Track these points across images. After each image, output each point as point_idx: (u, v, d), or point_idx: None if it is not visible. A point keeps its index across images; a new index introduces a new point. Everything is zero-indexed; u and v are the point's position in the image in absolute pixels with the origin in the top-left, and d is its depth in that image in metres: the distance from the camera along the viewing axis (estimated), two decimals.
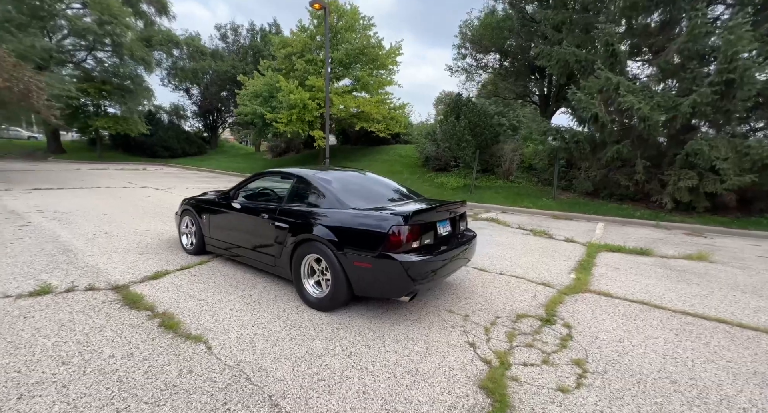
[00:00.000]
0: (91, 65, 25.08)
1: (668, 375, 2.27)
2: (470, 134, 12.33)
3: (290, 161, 22.47)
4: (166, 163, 26.41)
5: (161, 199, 9.18)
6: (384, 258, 2.66)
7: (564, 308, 3.30)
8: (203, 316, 2.81)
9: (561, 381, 2.17)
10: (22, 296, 2.95)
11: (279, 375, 2.10)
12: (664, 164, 8.96)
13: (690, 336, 2.82)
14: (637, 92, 8.22)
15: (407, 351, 2.45)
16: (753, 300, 3.66)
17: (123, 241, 4.87)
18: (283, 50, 17.89)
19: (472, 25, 15.96)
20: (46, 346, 2.26)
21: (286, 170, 3.82)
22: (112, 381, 1.96)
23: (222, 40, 30.67)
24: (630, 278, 4.26)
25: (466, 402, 1.94)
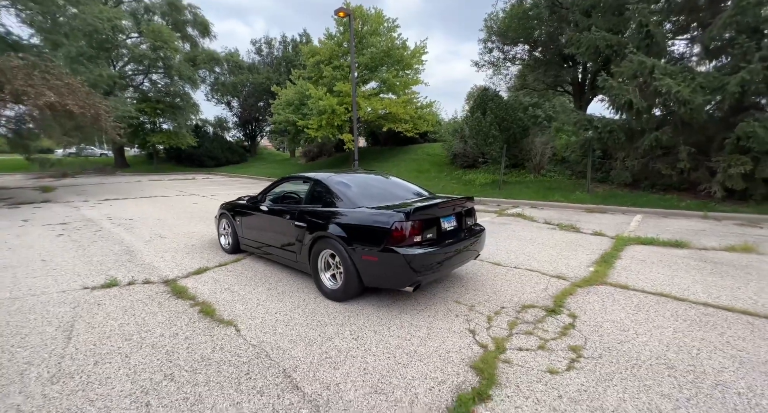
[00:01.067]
0: (147, 87, 27.85)
1: (666, 361, 2.28)
2: (497, 129, 12.13)
3: (322, 165, 23.35)
4: (212, 172, 28.55)
5: (207, 205, 10.10)
6: (388, 252, 2.90)
7: (573, 299, 3.33)
8: (235, 305, 3.23)
9: (552, 364, 2.28)
10: (96, 288, 3.58)
11: (293, 353, 2.43)
12: (713, 150, 8.25)
13: (704, 326, 2.76)
14: (675, 74, 7.67)
15: (409, 335, 2.67)
16: None
17: (174, 243, 5.55)
18: (312, 59, 18.68)
19: (498, 18, 15.60)
20: (113, 326, 2.79)
21: (304, 174, 4.19)
22: (162, 354, 2.40)
23: (257, 54, 32.51)
24: (655, 271, 4.12)
25: (456, 379, 2.13)
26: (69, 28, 12.95)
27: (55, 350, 2.44)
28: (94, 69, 16.09)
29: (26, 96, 8.27)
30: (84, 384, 2.07)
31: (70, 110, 9.26)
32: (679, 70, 7.81)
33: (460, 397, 1.95)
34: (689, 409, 1.85)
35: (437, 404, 1.92)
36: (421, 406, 1.90)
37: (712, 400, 1.92)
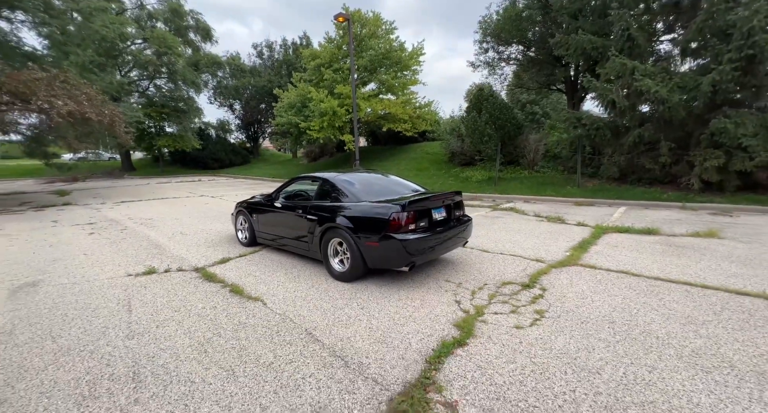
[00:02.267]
0: (152, 92, 28.51)
1: (609, 318, 2.86)
2: (492, 128, 12.69)
3: (324, 165, 23.95)
4: (216, 173, 29.19)
5: (217, 204, 10.71)
6: (387, 238, 3.49)
7: (547, 277, 3.91)
8: (258, 286, 3.83)
9: (519, 322, 2.86)
10: (139, 275, 4.18)
11: (312, 319, 3.02)
12: (691, 145, 8.81)
13: (649, 294, 3.33)
14: (654, 75, 8.22)
15: (405, 305, 3.26)
16: (734, 268, 3.99)
17: (194, 238, 6.15)
18: (313, 62, 19.26)
19: (492, 19, 16.11)
20: (162, 302, 3.39)
21: (313, 174, 4.79)
22: (207, 320, 3.00)
23: (258, 57, 33.08)
24: (623, 254, 4.69)
25: (441, 333, 2.71)
26: (80, 38, 13.55)
27: (122, 318, 3.04)
28: (105, 77, 16.73)
29: (50, 106, 8.88)
30: (153, 339, 2.67)
31: (89, 118, 9.87)
32: (657, 71, 8.36)
33: (443, 343, 2.54)
34: (616, 347, 2.43)
35: (425, 348, 2.51)
36: (413, 350, 2.49)
37: (636, 342, 2.49)
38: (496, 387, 2.05)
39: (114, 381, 2.16)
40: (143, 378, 2.18)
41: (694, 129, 8.67)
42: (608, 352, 2.36)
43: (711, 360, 2.24)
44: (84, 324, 2.94)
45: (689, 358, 2.26)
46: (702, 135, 8.23)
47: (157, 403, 1.97)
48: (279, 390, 2.08)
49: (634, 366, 2.19)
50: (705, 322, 2.73)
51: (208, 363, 2.36)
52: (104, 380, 2.17)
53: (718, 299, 3.14)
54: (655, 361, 2.24)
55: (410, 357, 2.41)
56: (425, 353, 2.45)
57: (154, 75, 27.47)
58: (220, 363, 2.36)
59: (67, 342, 2.64)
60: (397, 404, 1.92)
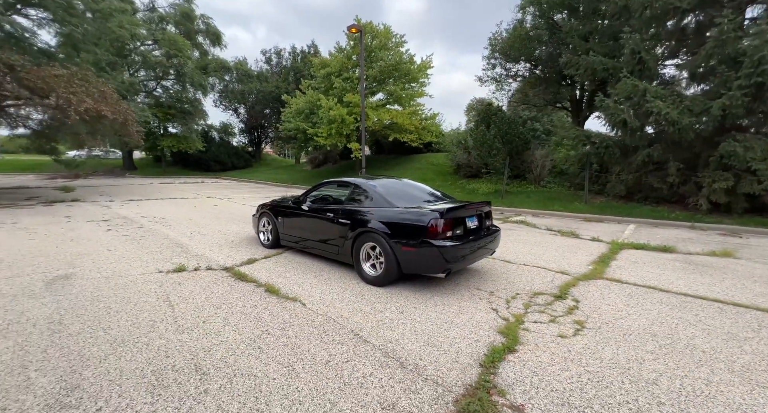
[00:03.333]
0: (158, 93, 28.64)
1: (651, 331, 2.92)
2: (500, 142, 12.91)
3: (328, 172, 24.04)
4: (218, 176, 29.15)
5: (226, 206, 10.70)
6: (425, 244, 3.54)
7: (576, 289, 3.97)
8: (292, 287, 3.84)
9: (561, 331, 2.90)
10: (170, 272, 4.17)
11: (355, 320, 3.04)
12: (699, 166, 9.03)
13: (682, 309, 3.40)
14: (665, 97, 8.49)
15: (444, 310, 3.29)
16: (759, 288, 4.08)
17: (213, 238, 6.15)
18: (323, 70, 19.55)
19: (501, 37, 16.57)
20: (202, 299, 3.39)
21: (342, 179, 4.87)
22: (252, 318, 3.01)
23: (266, 63, 33.47)
24: (645, 270, 4.78)
25: (487, 339, 2.75)
26: (97, 37, 13.68)
27: (166, 313, 3.03)
28: (117, 76, 16.84)
29: (68, 103, 8.91)
30: (204, 333, 2.68)
31: (105, 115, 9.91)
32: (668, 93, 8.63)
33: (493, 349, 2.57)
34: (666, 359, 2.48)
35: (476, 353, 2.54)
36: (465, 354, 2.52)
37: (684, 355, 2.55)
38: (557, 394, 2.09)
39: (178, 372, 2.16)
40: (206, 371, 2.18)
41: (702, 151, 8.91)
42: (659, 364, 2.41)
43: (763, 375, 2.30)
44: (130, 317, 2.93)
45: (741, 372, 2.32)
46: (711, 157, 8.45)
47: (227, 395, 1.97)
48: (344, 387, 2.09)
49: (689, 379, 2.24)
50: (746, 339, 2.79)
51: (266, 358, 2.37)
52: (168, 370, 2.17)
53: (753, 317, 3.21)
54: (708, 374, 2.29)
55: (463, 360, 2.44)
56: (477, 357, 2.48)
57: (162, 76, 27.67)
58: (277, 359, 2.37)
59: (119, 333, 2.63)
60: (466, 405, 1.94)
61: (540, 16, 15.87)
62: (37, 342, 2.50)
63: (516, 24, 17.01)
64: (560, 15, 15.08)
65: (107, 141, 15.50)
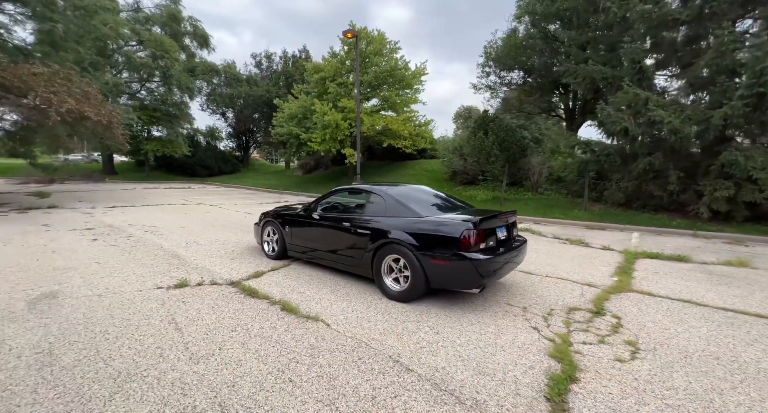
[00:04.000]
0: (142, 95, 27.72)
1: (711, 353, 2.71)
2: (499, 149, 12.87)
3: (320, 178, 23.61)
4: (205, 181, 28.29)
5: (219, 214, 10.19)
6: (458, 257, 3.27)
7: (610, 304, 3.76)
8: (310, 304, 3.49)
9: (617, 354, 2.66)
10: (171, 288, 3.75)
11: (389, 344, 2.72)
12: (699, 175, 9.13)
13: (731, 326, 3.22)
14: (666, 106, 8.57)
15: (482, 331, 3.01)
16: None
17: (211, 248, 5.71)
18: (317, 75, 19.26)
19: (496, 45, 16.73)
20: (212, 320, 3.00)
21: (359, 186, 4.56)
22: (274, 343, 2.65)
23: (257, 67, 32.96)
24: (670, 281, 4.63)
25: (541, 365, 2.48)
26: (79, 35, 13.03)
27: (174, 338, 2.64)
28: (100, 76, 16.10)
29: (49, 103, 8.32)
30: (222, 363, 2.31)
31: (88, 117, 9.32)
32: (669, 102, 8.73)
33: (552, 377, 2.30)
34: (746, 389, 2.26)
35: (535, 383, 2.26)
36: (523, 385, 2.24)
37: (758, 381, 2.34)
38: None
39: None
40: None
41: (702, 160, 9.02)
42: (740, 395, 2.19)
43: None
44: (133, 343, 2.53)
45: None
46: (711, 166, 8.55)
47: None
48: None
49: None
50: None
51: (301, 395, 2.03)
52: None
53: None
54: None
55: (525, 393, 2.15)
56: (539, 388, 2.20)
57: (147, 78, 26.81)
58: (314, 395, 2.03)
59: (123, 365, 2.23)
60: None
61: (533, 26, 16.13)
62: (24, 379, 2.08)
63: (510, 33, 17.25)
64: (553, 26, 15.36)
65: (89, 144, 14.72)
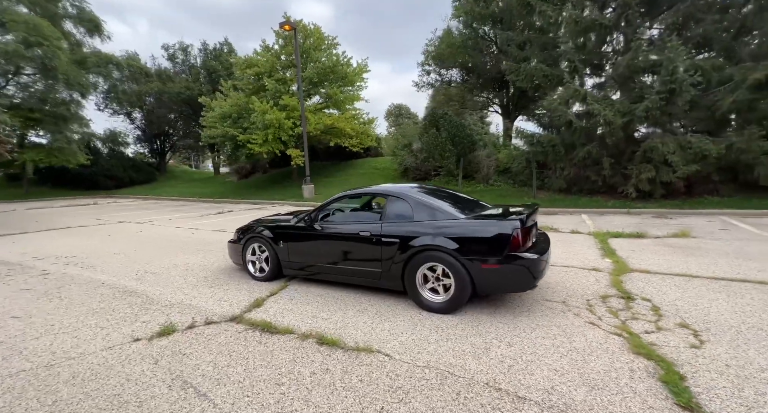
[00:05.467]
0: (12, 91, 22.30)
1: (753, 325, 2.90)
2: (451, 144, 13.22)
3: (260, 182, 21.78)
4: (113, 194, 24.07)
5: (156, 232, 8.58)
6: (510, 259, 3.04)
7: (629, 286, 3.92)
8: (347, 331, 2.94)
9: (686, 340, 2.69)
10: (154, 337, 2.83)
11: (472, 367, 2.37)
12: (624, 160, 10.49)
13: (735, 295, 3.56)
14: (600, 101, 9.63)
15: (549, 334, 2.83)
16: (747, 263, 4.63)
17: (174, 277, 4.64)
18: (250, 70, 17.60)
19: (434, 45, 17.18)
20: (242, 373, 2.28)
21: (370, 190, 4.08)
22: (340, 391, 2.09)
23: (170, 61, 29.01)
24: (650, 257, 5.08)
25: (637, 366, 2.37)
26: None
27: (206, 409, 1.90)
28: None
29: None
30: None
31: None
32: (602, 97, 9.81)
33: (664, 380, 2.18)
34: None
35: (653, 388, 2.11)
36: (644, 392, 2.08)
37: None
38: None
39: None
40: None
41: (626, 147, 10.36)
42: None
43: None
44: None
45: None
46: (636, 152, 9.87)
47: None
48: None
49: None
50: None
51: None
52: None
53: None
54: None
55: (655, 403, 1.99)
56: (662, 395, 2.05)
57: (17, 70, 21.58)
58: None
59: None
60: None
61: (466, 27, 16.93)
62: None
63: (445, 33, 17.87)
64: (486, 27, 16.30)
65: None
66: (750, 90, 8.92)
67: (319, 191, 16.16)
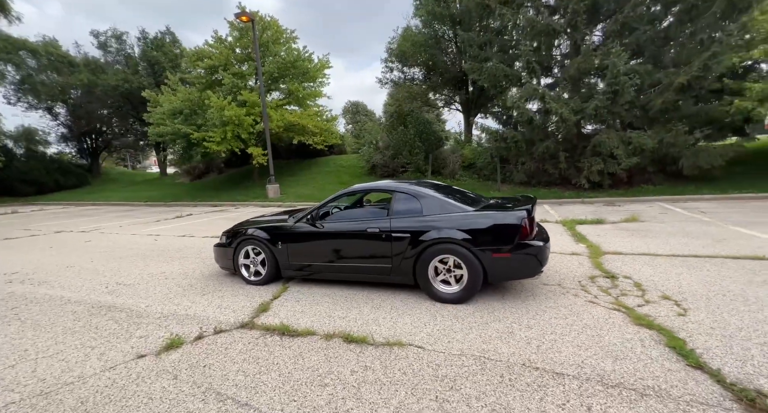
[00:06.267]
0: None
1: (718, 292, 3.37)
2: (420, 140, 13.50)
3: (217, 183, 20.44)
4: (37, 201, 21.09)
5: (110, 241, 7.74)
6: (520, 248, 3.22)
7: (608, 266, 4.33)
8: (369, 327, 2.91)
9: (672, 310, 3.05)
10: (162, 352, 2.57)
11: (505, 351, 2.48)
12: (577, 154, 11.49)
13: (695, 268, 4.09)
14: (557, 100, 10.43)
15: (561, 315, 3.05)
16: (691, 241, 5.34)
17: (154, 287, 4.24)
18: (203, 63, 16.39)
19: (396, 43, 17.35)
20: (277, 379, 2.16)
21: (372, 186, 4.07)
22: (388, 385, 2.08)
23: (102, 49, 25.99)
24: (615, 240, 5.65)
25: (643, 336, 2.63)
26: None
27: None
28: None
29: None
30: None
31: None
32: (557, 96, 10.64)
33: (670, 345, 2.46)
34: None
35: (666, 354, 2.34)
36: (660, 358, 2.32)
37: None
38: None
39: None
40: None
41: (578, 142, 11.36)
42: None
43: None
44: None
45: None
46: (587, 147, 10.86)
47: None
48: None
49: None
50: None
51: None
52: None
53: (744, 264, 4.14)
54: None
55: (671, 366, 2.23)
56: (674, 359, 2.31)
57: None
58: None
59: None
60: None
61: (425, 26, 17.31)
62: None
63: (404, 32, 18.11)
64: (445, 27, 16.79)
65: None
66: (675, 92, 10.24)
67: (285, 191, 15.61)
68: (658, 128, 10.68)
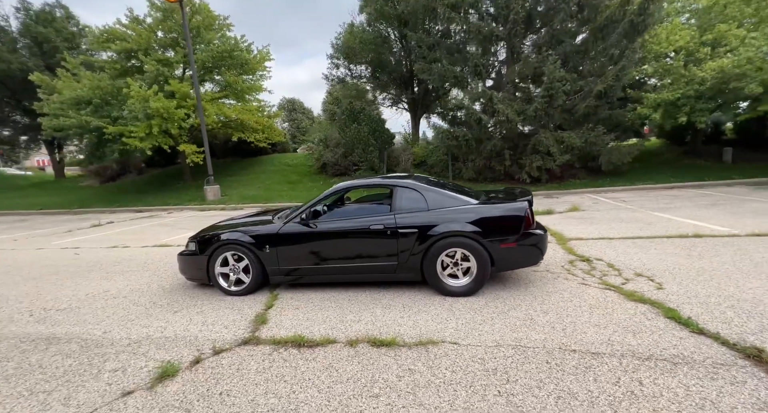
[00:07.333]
0: None
1: (684, 267, 3.89)
2: (373, 138, 13.42)
3: (137, 185, 17.81)
4: None
5: (10, 258, 6.26)
6: (525, 237, 3.32)
7: (579, 251, 4.74)
8: (391, 329, 2.73)
9: (651, 285, 3.43)
10: (156, 383, 2.06)
11: (536, 337, 2.52)
12: (518, 152, 12.53)
13: (645, 248, 4.71)
14: (503, 101, 11.23)
15: (565, 298, 3.22)
16: (629, 225, 6.15)
17: (106, 309, 3.48)
18: (116, 46, 14.11)
19: (344, 37, 17.01)
20: (320, 396, 1.88)
21: (370, 182, 3.91)
22: (442, 385, 1.95)
23: None
24: (571, 228, 6.24)
25: (644, 310, 2.88)
26: None
27: None
28: None
29: None
30: None
31: None
32: (504, 97, 11.45)
33: (668, 315, 2.74)
34: (750, 280, 3.40)
35: (671, 324, 2.61)
36: (668, 329, 2.57)
37: (750, 272, 3.58)
38: None
39: None
40: None
41: (520, 141, 12.39)
42: (760, 281, 3.29)
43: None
44: None
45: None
46: (527, 145, 11.89)
47: None
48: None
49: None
50: (717, 251, 4.20)
51: None
52: None
53: (677, 243, 4.85)
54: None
55: (680, 334, 2.48)
56: (679, 328, 2.59)
57: None
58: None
59: None
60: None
61: (369, 25, 17.30)
62: None
63: (348, 28, 17.87)
64: (391, 27, 16.94)
65: None
66: (595, 98, 11.76)
67: (226, 192, 14.26)
68: (582, 130, 12.17)
